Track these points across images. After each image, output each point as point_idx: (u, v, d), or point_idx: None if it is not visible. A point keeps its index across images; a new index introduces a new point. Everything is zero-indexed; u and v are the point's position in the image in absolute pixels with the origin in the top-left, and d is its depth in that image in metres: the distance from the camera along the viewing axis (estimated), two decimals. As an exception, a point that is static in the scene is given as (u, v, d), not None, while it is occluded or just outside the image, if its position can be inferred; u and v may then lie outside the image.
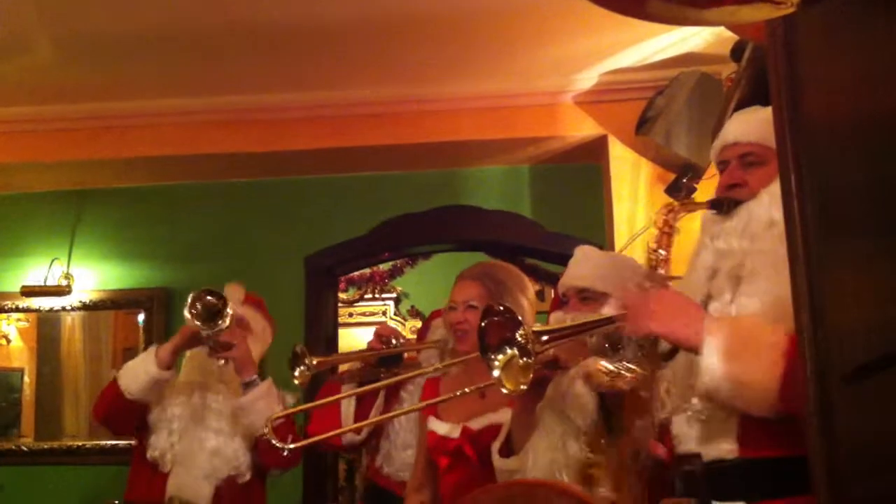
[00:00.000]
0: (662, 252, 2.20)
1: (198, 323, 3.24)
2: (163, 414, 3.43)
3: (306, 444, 3.11)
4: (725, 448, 1.94)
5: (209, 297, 3.27)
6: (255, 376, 3.36)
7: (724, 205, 2.13)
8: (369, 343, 3.47)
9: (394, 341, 3.42)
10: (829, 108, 1.27)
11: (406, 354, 3.47)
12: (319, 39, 4.21)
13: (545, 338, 2.07)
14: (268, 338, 3.66)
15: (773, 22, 1.42)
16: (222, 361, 3.39)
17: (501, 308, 2.13)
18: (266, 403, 3.31)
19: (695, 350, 1.90)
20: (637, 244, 3.99)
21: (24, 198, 5.44)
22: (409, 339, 3.46)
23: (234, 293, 3.57)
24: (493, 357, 2.10)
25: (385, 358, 3.40)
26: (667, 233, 2.21)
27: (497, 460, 2.55)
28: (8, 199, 5.44)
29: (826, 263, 1.26)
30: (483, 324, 2.13)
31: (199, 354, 3.50)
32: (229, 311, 3.27)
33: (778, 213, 1.89)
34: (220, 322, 3.25)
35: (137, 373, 3.36)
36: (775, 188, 1.92)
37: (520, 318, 2.09)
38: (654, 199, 4.59)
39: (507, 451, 2.54)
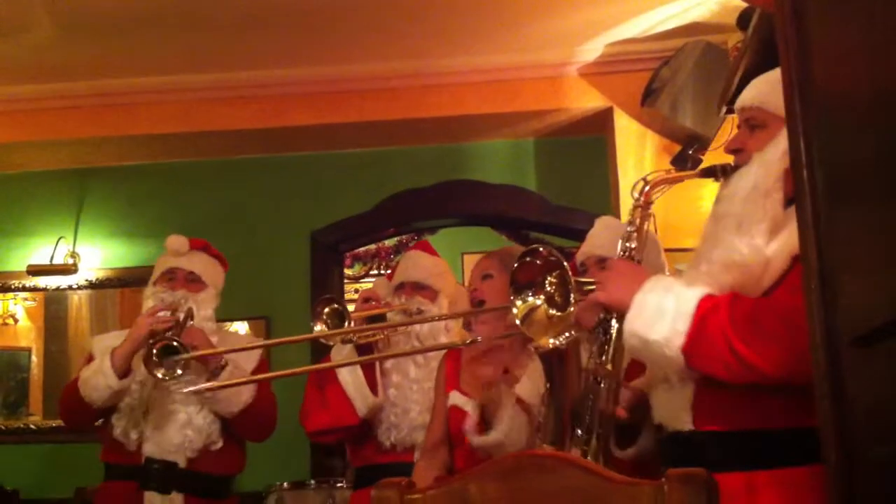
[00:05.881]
0: (636, 223, 2.18)
1: (163, 373, 3.19)
2: (128, 395, 3.37)
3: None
4: (683, 420, 1.99)
5: (174, 343, 3.20)
6: (220, 362, 3.31)
7: (717, 172, 2.12)
8: (359, 306, 3.43)
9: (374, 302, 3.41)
10: (839, 75, 1.26)
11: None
12: (321, 14, 4.19)
13: (589, 288, 2.05)
14: (220, 276, 3.65)
15: (782, -13, 1.40)
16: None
17: (542, 250, 2.09)
18: (230, 391, 3.29)
19: (624, 313, 1.98)
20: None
21: (28, 177, 5.44)
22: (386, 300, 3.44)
23: (176, 244, 3.56)
24: (514, 301, 2.06)
25: (372, 318, 3.41)
26: (640, 206, 2.17)
27: (477, 440, 2.55)
28: (12, 178, 5.44)
29: (835, 230, 1.25)
30: (519, 262, 2.10)
31: None
32: (183, 349, 3.19)
33: (761, 177, 1.92)
34: (181, 359, 3.17)
35: (98, 384, 3.29)
36: (767, 151, 1.95)
37: (564, 262, 2.05)
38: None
39: (483, 428, 2.55)
